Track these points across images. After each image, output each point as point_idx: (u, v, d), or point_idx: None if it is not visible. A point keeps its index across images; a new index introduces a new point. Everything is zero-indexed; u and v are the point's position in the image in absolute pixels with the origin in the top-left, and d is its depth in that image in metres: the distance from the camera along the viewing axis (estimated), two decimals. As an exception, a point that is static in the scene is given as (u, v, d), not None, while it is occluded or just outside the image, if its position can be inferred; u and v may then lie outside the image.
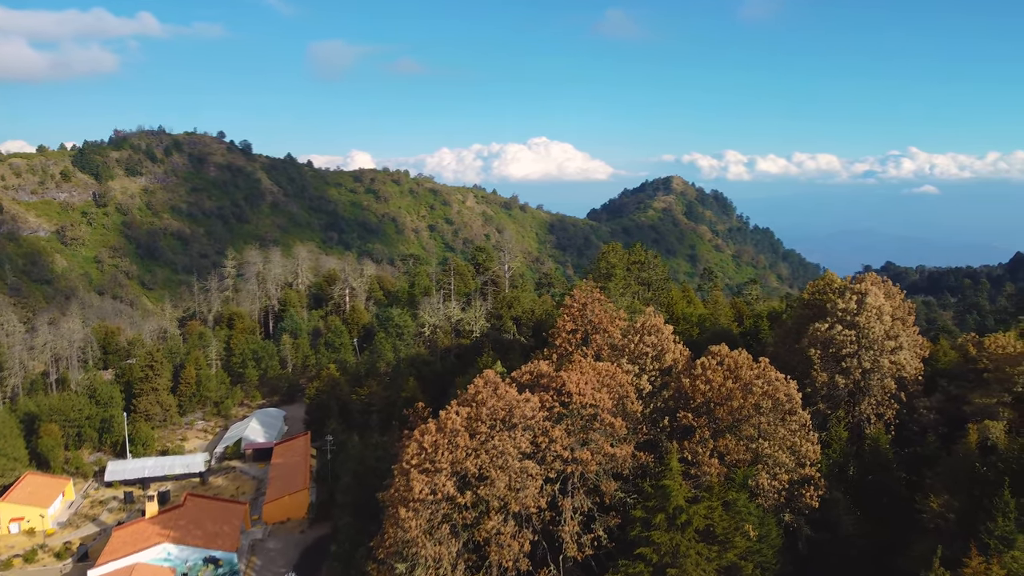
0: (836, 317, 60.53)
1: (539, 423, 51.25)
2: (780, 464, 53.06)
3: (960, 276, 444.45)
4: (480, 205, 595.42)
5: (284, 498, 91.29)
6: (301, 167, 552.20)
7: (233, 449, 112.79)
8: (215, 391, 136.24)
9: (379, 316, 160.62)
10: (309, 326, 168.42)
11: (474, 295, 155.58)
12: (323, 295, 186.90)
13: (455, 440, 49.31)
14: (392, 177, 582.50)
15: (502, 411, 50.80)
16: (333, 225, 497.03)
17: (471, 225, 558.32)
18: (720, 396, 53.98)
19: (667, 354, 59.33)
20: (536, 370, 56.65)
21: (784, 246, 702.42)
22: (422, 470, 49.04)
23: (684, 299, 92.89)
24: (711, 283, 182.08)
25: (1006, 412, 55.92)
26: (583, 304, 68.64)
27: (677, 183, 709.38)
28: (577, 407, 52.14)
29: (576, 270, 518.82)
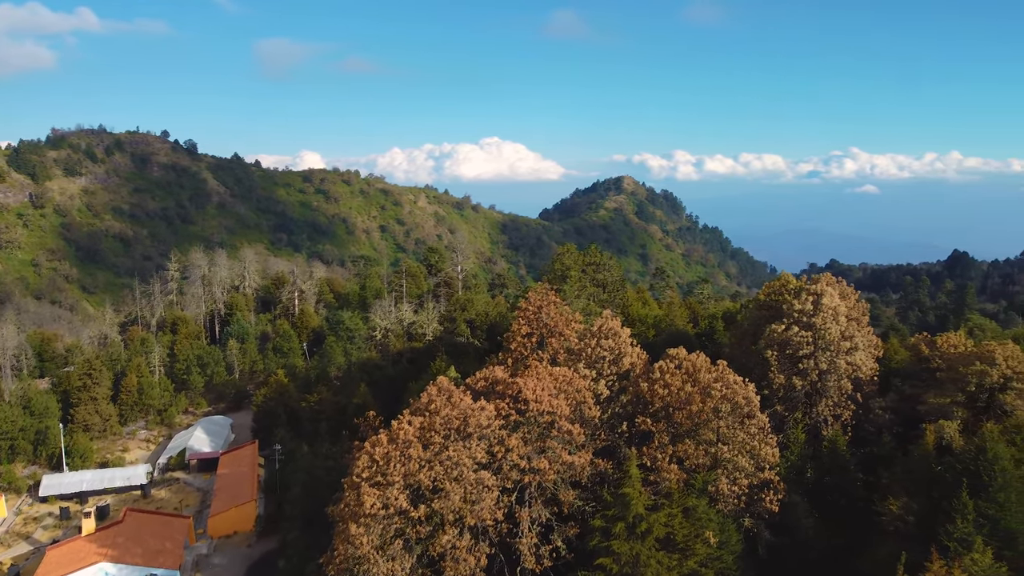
0: (792, 318, 60.21)
1: (495, 432, 49.61)
2: (740, 468, 52.35)
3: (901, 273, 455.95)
4: (432, 205, 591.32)
5: (230, 510, 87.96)
6: (248, 167, 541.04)
7: (177, 460, 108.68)
8: (158, 399, 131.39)
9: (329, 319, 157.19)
10: (257, 330, 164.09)
11: (426, 297, 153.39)
12: (271, 298, 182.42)
13: (408, 452, 47.39)
14: (342, 177, 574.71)
15: (456, 420, 49.04)
16: (282, 226, 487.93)
17: (423, 226, 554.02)
18: (679, 400, 53.04)
19: (625, 358, 58.25)
20: (491, 376, 55.00)
21: (732, 245, 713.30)
22: (373, 484, 47.00)
23: (639, 300, 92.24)
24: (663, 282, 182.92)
25: (960, 412, 56.14)
26: (538, 307, 67.23)
27: (628, 183, 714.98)
28: (534, 414, 50.65)
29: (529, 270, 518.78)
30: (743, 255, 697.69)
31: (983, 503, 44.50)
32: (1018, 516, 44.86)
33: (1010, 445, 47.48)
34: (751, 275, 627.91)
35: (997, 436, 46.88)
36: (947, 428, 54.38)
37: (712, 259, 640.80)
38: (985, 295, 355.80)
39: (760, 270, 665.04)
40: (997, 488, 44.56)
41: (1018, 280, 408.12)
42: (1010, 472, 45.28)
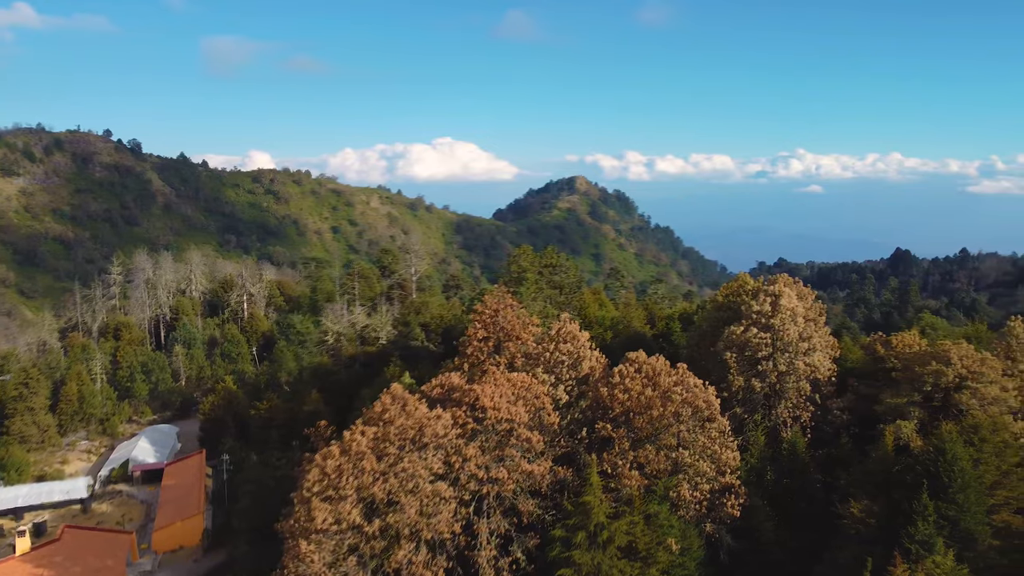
0: (751, 320, 59.80)
1: (452, 441, 47.99)
2: (701, 473, 51.61)
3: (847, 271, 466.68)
4: (385, 206, 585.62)
5: (176, 524, 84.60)
6: (196, 167, 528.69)
7: (120, 471, 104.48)
8: (100, 408, 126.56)
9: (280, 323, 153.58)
10: (204, 335, 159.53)
11: (380, 300, 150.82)
12: (219, 302, 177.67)
13: (361, 464, 45.46)
14: (293, 177, 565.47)
15: (412, 430, 47.28)
16: (231, 227, 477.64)
17: (376, 226, 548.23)
18: (639, 405, 52.05)
19: (584, 362, 57.10)
20: (447, 383, 53.33)
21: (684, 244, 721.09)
22: (324, 498, 44.97)
23: (596, 302, 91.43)
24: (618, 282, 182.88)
25: (916, 412, 56.26)
26: (495, 310, 65.63)
27: (581, 183, 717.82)
28: (492, 422, 49.13)
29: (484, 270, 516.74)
30: (694, 254, 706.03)
31: (943, 504, 44.41)
32: (977, 516, 44.91)
33: (968, 445, 47.53)
34: (702, 274, 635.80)
35: (955, 436, 46.88)
36: (904, 428, 54.45)
37: (664, 258, 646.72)
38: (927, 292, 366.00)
39: (711, 269, 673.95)
40: (956, 489, 44.50)
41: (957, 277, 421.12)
42: (969, 473, 45.28)
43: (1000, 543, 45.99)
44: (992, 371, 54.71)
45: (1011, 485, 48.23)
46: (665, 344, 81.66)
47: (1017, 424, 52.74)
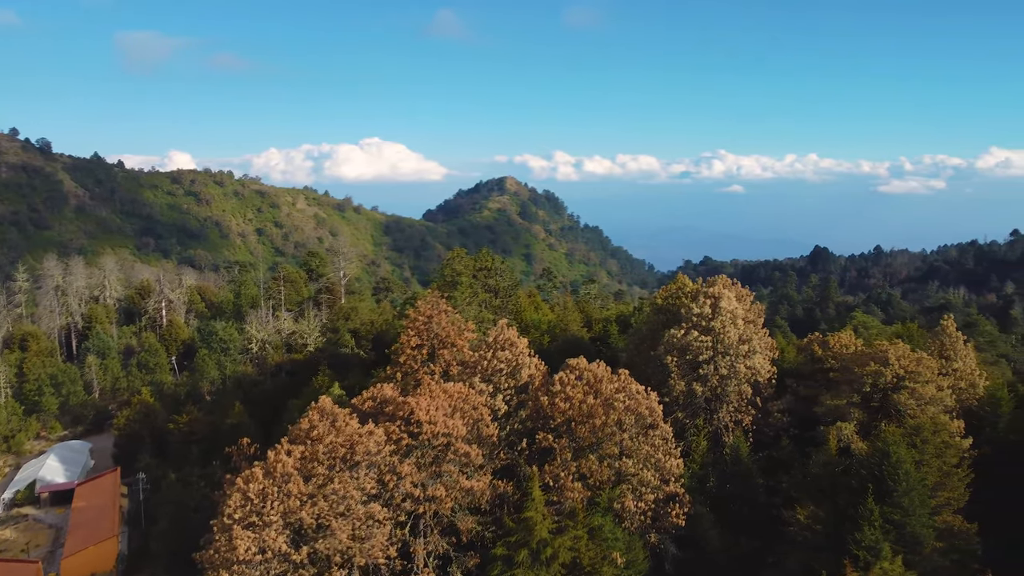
0: (691, 323, 58.74)
1: (386, 459, 45.22)
2: (645, 483, 50.12)
3: (769, 269, 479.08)
4: (312, 207, 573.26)
5: (88, 549, 78.75)
6: (111, 168, 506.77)
7: (25, 493, 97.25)
8: (4, 424, 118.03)
9: (201, 330, 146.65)
10: (120, 345, 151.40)
11: (307, 304, 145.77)
12: (136, 309, 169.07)
13: (287, 487, 42.29)
14: (215, 178, 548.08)
15: (342, 448, 44.32)
16: (149, 230, 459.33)
17: (303, 228, 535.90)
18: (581, 414, 50.25)
19: (523, 370, 55.00)
20: (380, 396, 50.52)
21: (612, 243, 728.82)
22: (247, 525, 41.62)
23: (532, 305, 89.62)
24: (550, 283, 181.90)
25: (856, 413, 56.13)
26: (428, 316, 63.03)
27: (511, 183, 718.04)
28: (428, 437, 46.55)
29: (414, 272, 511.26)
30: (623, 253, 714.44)
31: (888, 508, 43.96)
32: (922, 519, 44.65)
33: (911, 447, 47.34)
34: (631, 273, 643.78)
35: (899, 439, 46.58)
36: (844, 430, 54.21)
37: (594, 257, 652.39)
38: (845, 288, 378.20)
39: (639, 268, 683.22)
40: (901, 493, 44.12)
41: (872, 273, 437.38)
42: (913, 476, 44.98)
43: (943, 544, 45.92)
44: (928, 370, 55.00)
45: (952, 485, 48.35)
46: (603, 347, 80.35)
47: (954, 423, 53.03)
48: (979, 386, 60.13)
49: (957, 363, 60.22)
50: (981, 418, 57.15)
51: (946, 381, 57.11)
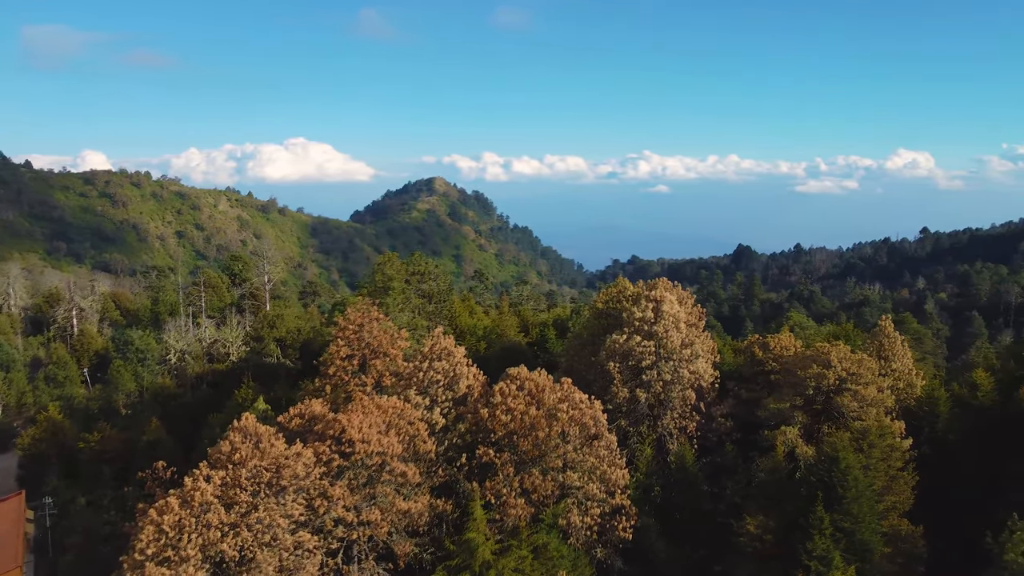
0: (633, 327, 57.06)
1: (315, 482, 41.90)
2: (591, 496, 48.09)
3: (695, 267, 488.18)
4: (235, 209, 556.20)
5: (-12, 583, 72.63)
6: (17, 168, 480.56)
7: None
8: None
9: (116, 340, 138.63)
10: (25, 357, 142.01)
11: (229, 311, 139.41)
12: (44, 318, 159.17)
13: (206, 517, 38.58)
14: (131, 179, 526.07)
15: (267, 472, 40.79)
16: (60, 234, 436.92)
17: (225, 231, 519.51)
18: (523, 426, 47.86)
19: (461, 381, 52.25)
20: (308, 413, 47.03)
21: (542, 243, 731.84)
22: (161, 561, 37.75)
23: (467, 310, 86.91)
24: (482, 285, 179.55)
25: (799, 416, 55.44)
26: (359, 325, 59.67)
27: (440, 184, 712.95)
28: (361, 457, 43.41)
29: (342, 274, 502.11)
30: (552, 253, 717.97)
31: (838, 516, 43.05)
32: (871, 527, 43.91)
33: (858, 452, 46.69)
34: (560, 273, 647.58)
35: (847, 444, 45.81)
36: (788, 434, 53.40)
37: (524, 258, 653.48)
38: (767, 285, 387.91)
39: (568, 267, 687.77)
40: (851, 500, 43.27)
41: (793, 271, 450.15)
42: (862, 482, 44.23)
43: (890, 550, 45.39)
44: (869, 372, 54.69)
45: (898, 489, 47.94)
46: (540, 352, 78.41)
47: (896, 424, 52.80)
48: (916, 386, 60.38)
49: (896, 363, 60.34)
50: (920, 418, 57.28)
51: (886, 382, 57.05)
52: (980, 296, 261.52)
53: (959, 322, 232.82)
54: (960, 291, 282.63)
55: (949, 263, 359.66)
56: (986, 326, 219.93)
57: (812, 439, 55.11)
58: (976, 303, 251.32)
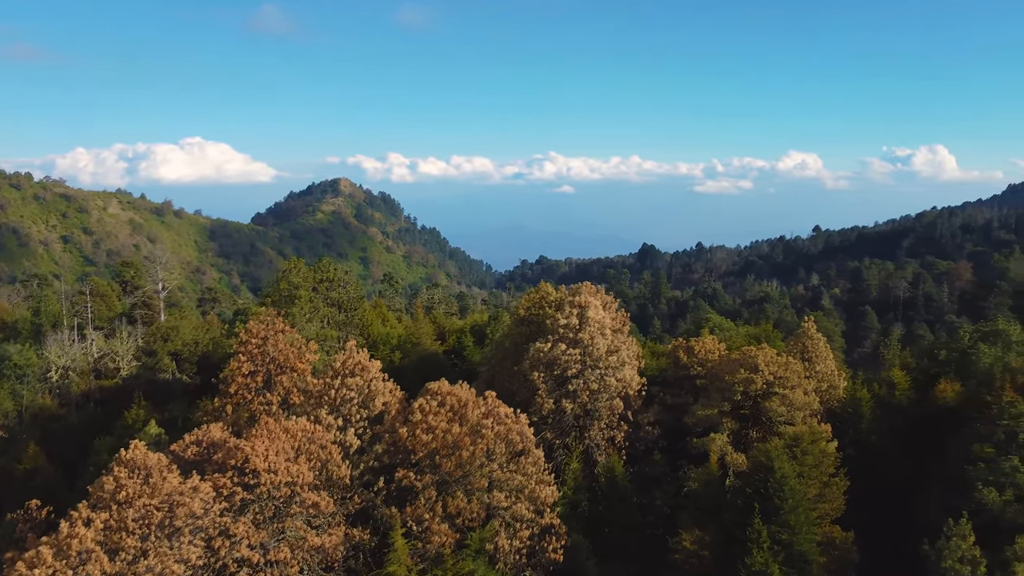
0: (558, 335, 54.52)
1: (215, 520, 37.40)
2: (518, 517, 45.23)
3: (602, 266, 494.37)
4: (127, 212, 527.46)
5: None
6: None
7: None
8: None
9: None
10: None
11: (120, 322, 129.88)
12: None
13: (85, 568, 33.65)
14: (10, 180, 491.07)
15: (159, 512, 36.06)
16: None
17: (116, 235, 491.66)
18: (445, 445, 44.52)
19: (377, 398, 48.34)
20: (207, 439, 42.34)
21: (450, 244, 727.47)
22: (33, 623, 32.69)
23: (379, 318, 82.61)
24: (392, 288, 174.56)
25: (728, 422, 54.21)
26: (262, 338, 54.97)
27: (345, 185, 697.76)
28: (267, 488, 39.17)
29: (244, 279, 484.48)
30: (461, 254, 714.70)
31: (775, 528, 41.67)
32: (808, 536, 42.75)
33: (792, 459, 45.57)
34: (470, 274, 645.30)
35: (781, 452, 44.60)
36: (718, 441, 52.06)
37: (433, 259, 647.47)
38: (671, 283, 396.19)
39: (477, 268, 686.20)
40: (788, 510, 41.97)
41: (695, 269, 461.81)
42: (798, 492, 43.06)
43: (825, 559, 44.44)
44: (796, 375, 54.01)
45: (831, 496, 47.15)
46: (458, 361, 75.17)
47: (824, 428, 52.15)
48: (839, 387, 60.37)
49: (819, 365, 60.12)
50: (844, 420, 57.08)
51: (811, 384, 56.59)
52: (871, 291, 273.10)
53: (853, 316, 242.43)
54: (852, 286, 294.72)
55: (840, 259, 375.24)
56: (878, 320, 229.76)
57: (741, 445, 54.01)
58: (868, 298, 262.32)
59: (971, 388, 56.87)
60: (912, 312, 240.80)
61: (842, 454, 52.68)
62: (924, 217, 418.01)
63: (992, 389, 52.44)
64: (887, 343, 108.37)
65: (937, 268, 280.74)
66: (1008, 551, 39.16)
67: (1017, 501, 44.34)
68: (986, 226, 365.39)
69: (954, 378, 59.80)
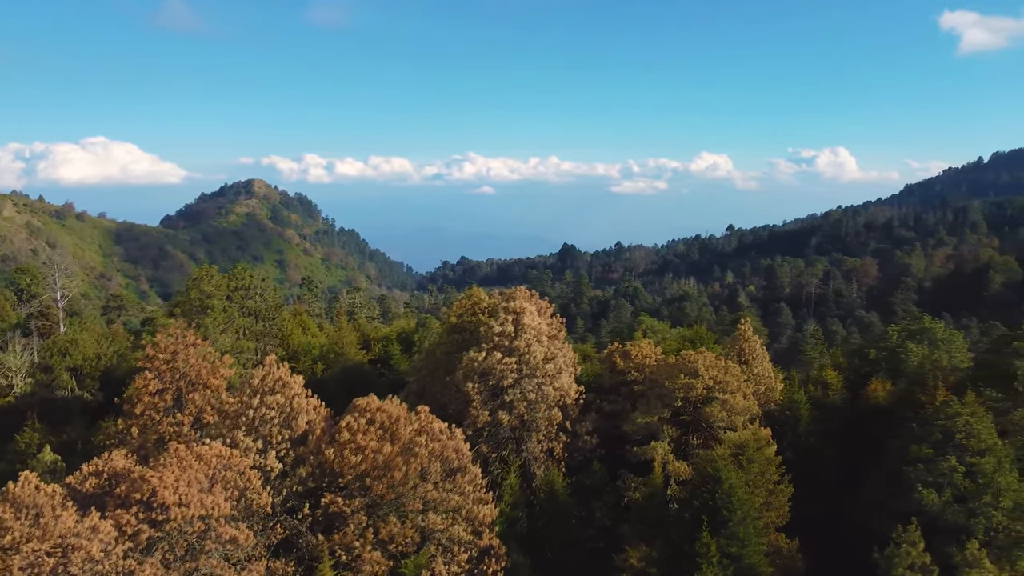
0: (492, 343, 51.88)
1: (117, 564, 33.31)
2: (456, 540, 42.48)
3: (524, 267, 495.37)
4: (23, 215, 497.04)
5: None
6: None
7: None
8: None
9: None
10: None
11: (13, 334, 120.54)
12: None
13: (-37, 629, 29.30)
14: None
15: (50, 559, 31.83)
16: None
17: (11, 239, 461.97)
18: (376, 466, 41.38)
19: (300, 416, 44.65)
20: (108, 470, 38.00)
21: (370, 246, 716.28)
22: None
23: (299, 326, 78.18)
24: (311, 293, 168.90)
25: (668, 430, 52.70)
26: (172, 352, 50.40)
27: (259, 186, 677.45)
28: (178, 523, 35.27)
29: (152, 284, 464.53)
30: (381, 256, 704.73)
31: (724, 541, 40.16)
32: (757, 548, 41.45)
33: (738, 468, 44.29)
34: (390, 276, 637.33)
35: (728, 461, 43.24)
36: (659, 449, 50.50)
37: (352, 262, 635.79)
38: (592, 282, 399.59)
39: (398, 270, 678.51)
40: (736, 522, 40.54)
41: (615, 268, 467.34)
42: (746, 502, 41.71)
43: (772, 569, 43.31)
44: (735, 379, 52.93)
45: (776, 504, 46.13)
46: (385, 371, 71.64)
47: (764, 432, 51.22)
48: (776, 389, 59.85)
49: (757, 368, 59.42)
50: (782, 423, 56.47)
51: (750, 388, 55.69)
52: (784, 288, 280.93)
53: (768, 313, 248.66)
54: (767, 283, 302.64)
55: (753, 257, 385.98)
56: (792, 316, 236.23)
57: (682, 453, 52.65)
58: (781, 295, 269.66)
59: (903, 387, 57.18)
60: (823, 308, 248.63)
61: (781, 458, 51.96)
62: (830, 216, 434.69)
63: (925, 389, 52.67)
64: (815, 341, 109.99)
65: (845, 265, 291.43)
66: (958, 556, 38.77)
67: (956, 501, 44.23)
68: (887, 224, 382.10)
69: (885, 377, 60.13)
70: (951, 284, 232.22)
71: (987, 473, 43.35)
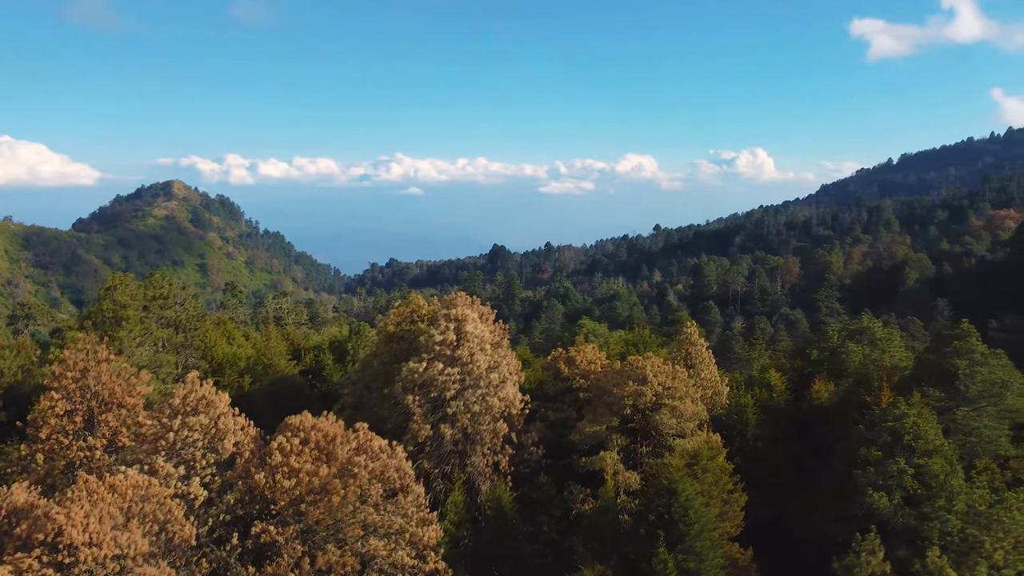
0: (433, 352, 49.22)
1: (18, 616, 29.54)
2: (399, 566, 39.74)
3: (454, 268, 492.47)
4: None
5: None
6: None
7: None
8: None
9: None
10: None
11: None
12: None
13: None
14: None
15: (-63, 615, 27.88)
16: None
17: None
18: (312, 490, 38.31)
19: (226, 438, 41.06)
20: (8, 505, 33.96)
21: (296, 249, 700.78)
22: None
23: (224, 337, 73.72)
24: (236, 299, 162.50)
25: (617, 438, 51.02)
26: (82, 369, 46.11)
27: (179, 188, 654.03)
28: (88, 566, 31.54)
29: (65, 291, 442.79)
30: (307, 259, 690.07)
31: (682, 556, 38.59)
32: (715, 562, 40.05)
33: (693, 479, 42.85)
34: (317, 278, 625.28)
35: (683, 472, 41.73)
36: (608, 460, 48.77)
37: (277, 265, 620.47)
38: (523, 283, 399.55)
39: (325, 273, 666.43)
40: (693, 536, 39.03)
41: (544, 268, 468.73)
42: (704, 515, 40.24)
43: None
44: (683, 384, 51.66)
45: (731, 514, 44.93)
46: (317, 383, 68.12)
47: (715, 438, 50.10)
48: (723, 393, 58.99)
49: (704, 372, 58.43)
50: (729, 427, 55.53)
51: (698, 392, 54.59)
52: (711, 286, 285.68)
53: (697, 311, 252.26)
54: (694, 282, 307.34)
55: (680, 256, 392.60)
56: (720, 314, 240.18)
57: (631, 462, 51.06)
58: (709, 293, 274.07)
59: (846, 388, 57.08)
60: (750, 305, 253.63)
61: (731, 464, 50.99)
62: (752, 215, 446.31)
63: (870, 389, 52.52)
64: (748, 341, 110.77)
65: (769, 263, 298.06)
66: (918, 564, 38.15)
67: (907, 504, 43.87)
68: (806, 223, 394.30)
69: (827, 377, 60.04)
70: (869, 281, 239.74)
71: (938, 476, 43.08)
